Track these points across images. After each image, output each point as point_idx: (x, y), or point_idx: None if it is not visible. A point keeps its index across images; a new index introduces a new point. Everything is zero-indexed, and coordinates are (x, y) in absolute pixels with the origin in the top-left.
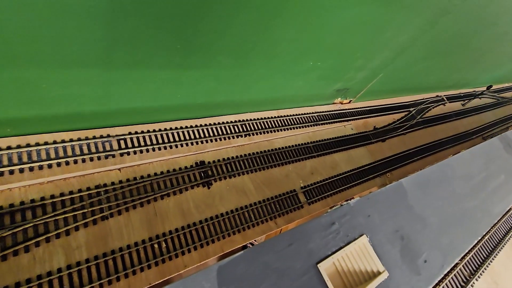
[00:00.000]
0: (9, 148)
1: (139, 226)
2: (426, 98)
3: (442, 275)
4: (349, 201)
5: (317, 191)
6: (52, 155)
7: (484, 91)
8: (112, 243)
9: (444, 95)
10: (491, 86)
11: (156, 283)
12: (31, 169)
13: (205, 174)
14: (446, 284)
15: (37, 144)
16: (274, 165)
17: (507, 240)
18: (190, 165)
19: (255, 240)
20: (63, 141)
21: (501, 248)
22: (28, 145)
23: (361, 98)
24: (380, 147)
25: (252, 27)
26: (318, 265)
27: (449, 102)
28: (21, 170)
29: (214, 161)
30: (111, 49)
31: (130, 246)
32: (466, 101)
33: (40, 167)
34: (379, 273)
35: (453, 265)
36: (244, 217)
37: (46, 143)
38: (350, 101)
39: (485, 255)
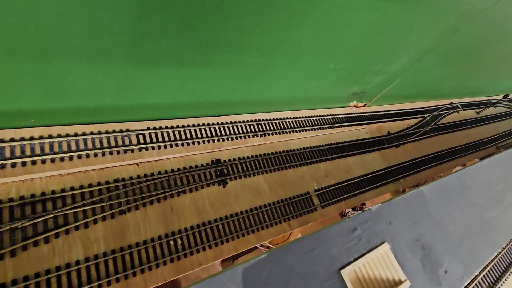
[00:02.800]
0: (32, 138)
1: (156, 222)
2: (440, 105)
3: (463, 287)
4: (371, 208)
5: (331, 194)
6: (73, 147)
7: (500, 99)
8: (129, 238)
9: (459, 103)
10: (507, 95)
11: (171, 279)
12: (52, 160)
13: (221, 172)
14: None
15: (59, 136)
16: (288, 166)
17: None
18: (206, 163)
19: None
20: (83, 134)
21: None
22: (50, 136)
23: (376, 102)
24: (393, 153)
25: (280, 25)
26: (341, 272)
27: (464, 110)
28: (43, 161)
29: (229, 160)
30: (138, 44)
31: (146, 242)
32: (481, 109)
33: (62, 159)
34: (400, 282)
35: (473, 277)
36: (258, 217)
37: (67, 135)
38: (365, 104)
39: (503, 268)
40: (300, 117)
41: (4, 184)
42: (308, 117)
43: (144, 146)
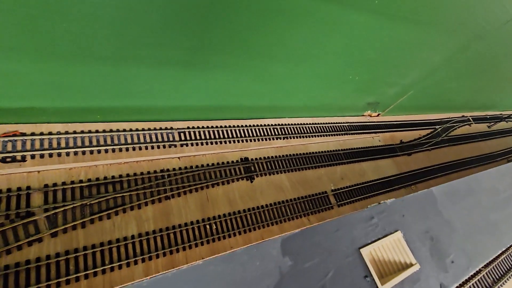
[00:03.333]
0: (97, 131)
1: (194, 208)
2: (452, 117)
3: (467, 277)
4: (386, 201)
5: (346, 195)
6: (129, 140)
7: (511, 114)
8: (173, 220)
9: (470, 116)
10: None
11: (208, 258)
12: (113, 150)
13: (249, 169)
14: (470, 286)
15: (118, 130)
16: (308, 167)
17: None
18: (236, 160)
19: None
20: (137, 130)
21: None
22: (111, 131)
23: (389, 113)
24: (405, 160)
25: (311, 40)
26: (361, 250)
27: (475, 123)
28: (106, 151)
29: (256, 159)
30: (194, 53)
31: (187, 224)
32: (493, 123)
33: (120, 150)
34: (411, 264)
35: (477, 269)
36: (281, 211)
37: (124, 130)
38: (379, 114)
39: (509, 266)
40: (318, 123)
41: (76, 168)
42: (326, 123)
43: (185, 142)
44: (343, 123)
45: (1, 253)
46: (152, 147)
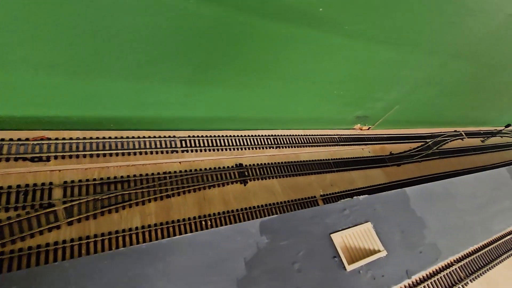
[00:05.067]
0: (110, 138)
1: (192, 206)
2: (443, 132)
3: (436, 267)
4: (359, 197)
5: (335, 200)
6: (137, 146)
7: (502, 130)
8: (173, 215)
9: (463, 131)
10: (509, 125)
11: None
12: (122, 154)
13: (242, 174)
14: (440, 277)
15: (127, 137)
16: (299, 174)
17: (507, 257)
18: (231, 166)
19: None
20: (144, 137)
21: (501, 262)
22: (122, 137)
23: (379, 126)
24: (395, 170)
25: (299, 60)
26: (331, 235)
27: (468, 138)
28: (116, 154)
29: (250, 165)
30: (198, 71)
31: (185, 219)
32: (486, 138)
33: (129, 154)
34: (379, 251)
35: (447, 261)
36: (272, 212)
37: (133, 137)
38: (369, 128)
39: (483, 263)
40: (310, 135)
41: (91, 168)
42: (317, 135)
43: (186, 149)
44: (334, 135)
45: (26, 237)
46: (157, 152)
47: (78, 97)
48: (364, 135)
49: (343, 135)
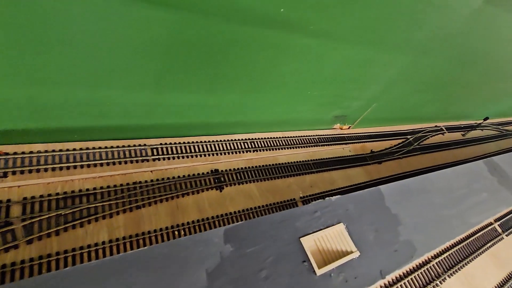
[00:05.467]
0: (74, 150)
1: (165, 216)
2: (424, 128)
3: (411, 264)
4: (331, 198)
5: (315, 201)
6: (104, 156)
7: (481, 123)
8: (143, 227)
9: (444, 126)
10: (487, 118)
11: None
12: (88, 166)
13: (218, 180)
14: (417, 275)
15: (93, 148)
16: (277, 177)
17: (485, 250)
18: (207, 172)
19: None
20: (111, 147)
21: (479, 255)
22: (87, 148)
23: (359, 125)
24: (376, 168)
25: (265, 62)
26: (301, 239)
27: (449, 132)
28: (81, 166)
29: (226, 170)
30: (161, 77)
31: (156, 230)
32: (466, 131)
33: (95, 165)
34: (351, 252)
35: (423, 258)
36: (250, 216)
37: (99, 148)
38: (349, 127)
39: (460, 258)
40: (288, 137)
41: (53, 182)
42: (296, 137)
43: (157, 157)
44: (313, 135)
45: None
46: (126, 162)
47: (33, 108)
48: (344, 134)
49: (323, 135)
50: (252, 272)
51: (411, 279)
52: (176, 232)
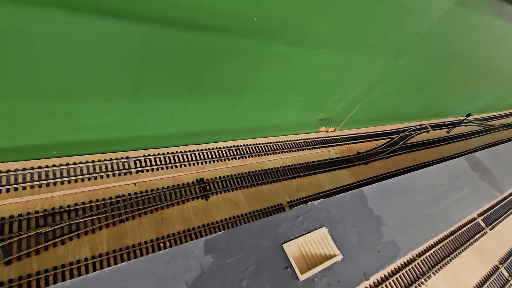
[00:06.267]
0: (53, 166)
1: (149, 228)
2: (409, 126)
3: (395, 264)
4: (313, 202)
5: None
6: (85, 171)
7: (464, 119)
8: (127, 241)
9: (428, 124)
10: (469, 115)
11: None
12: (69, 181)
13: (204, 189)
14: (402, 274)
15: (74, 163)
16: (263, 182)
17: (469, 245)
18: (192, 181)
19: None
20: (93, 161)
21: (463, 251)
22: (67, 164)
23: (344, 127)
24: (363, 169)
25: (242, 69)
26: (283, 245)
27: (433, 130)
28: (62, 183)
29: (212, 179)
30: (138, 88)
31: (140, 244)
32: (450, 128)
33: (76, 181)
34: (334, 255)
35: (407, 257)
36: (236, 224)
37: (80, 162)
38: (335, 129)
39: (445, 255)
40: (274, 142)
41: (32, 200)
42: (281, 141)
43: (140, 169)
44: (299, 140)
45: None
46: (108, 176)
47: (7, 125)
48: (330, 137)
49: (309, 139)
50: (234, 282)
51: (396, 278)
52: (162, 244)
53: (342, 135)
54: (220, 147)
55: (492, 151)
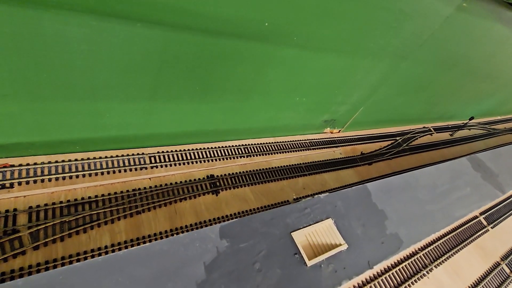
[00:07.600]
0: (76, 160)
1: (163, 220)
2: (413, 129)
3: (399, 256)
4: (320, 195)
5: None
6: (104, 166)
7: (467, 122)
8: (144, 231)
9: (432, 126)
10: (472, 118)
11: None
12: (90, 175)
13: (214, 184)
14: (405, 265)
15: (94, 158)
16: (271, 180)
17: (471, 241)
18: (203, 177)
19: None
20: (111, 156)
21: (464, 246)
22: (88, 158)
23: (349, 128)
24: (367, 169)
25: (251, 72)
26: (292, 234)
27: (437, 133)
28: (83, 176)
29: (221, 175)
30: (156, 90)
31: (156, 234)
32: (453, 131)
33: (96, 174)
34: (340, 244)
35: (410, 249)
36: None
37: (100, 157)
38: (339, 130)
39: (446, 249)
40: (280, 142)
41: (57, 192)
42: (288, 141)
43: (155, 165)
44: (304, 140)
45: None
46: (125, 170)
47: (37, 122)
48: (335, 137)
49: (314, 139)
50: (247, 264)
51: (399, 269)
52: (175, 235)
53: (347, 136)
54: (229, 146)
55: (495, 152)
